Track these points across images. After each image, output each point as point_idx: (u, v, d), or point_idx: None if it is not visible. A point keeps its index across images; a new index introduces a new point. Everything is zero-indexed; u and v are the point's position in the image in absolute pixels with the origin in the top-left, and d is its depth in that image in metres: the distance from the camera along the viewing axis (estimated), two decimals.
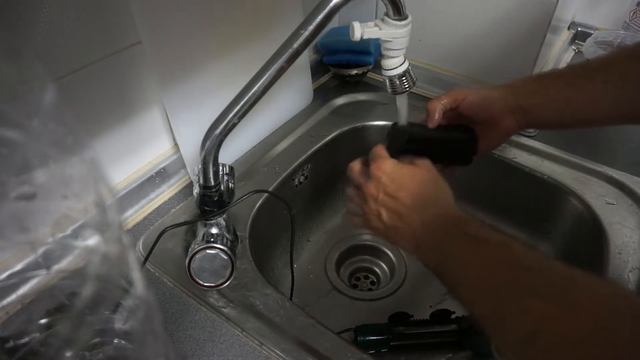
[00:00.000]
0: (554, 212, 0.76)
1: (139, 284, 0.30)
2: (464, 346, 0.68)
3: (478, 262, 0.40)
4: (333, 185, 0.90)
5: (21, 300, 0.43)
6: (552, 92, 0.54)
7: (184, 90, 0.64)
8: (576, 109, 0.53)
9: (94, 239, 0.27)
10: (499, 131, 0.57)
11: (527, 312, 0.34)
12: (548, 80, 0.56)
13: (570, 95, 0.53)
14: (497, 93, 0.56)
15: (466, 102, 0.56)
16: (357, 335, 0.67)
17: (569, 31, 1.05)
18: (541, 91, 0.54)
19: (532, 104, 0.54)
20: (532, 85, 0.56)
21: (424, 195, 0.48)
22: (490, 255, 0.40)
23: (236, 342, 0.54)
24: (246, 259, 0.62)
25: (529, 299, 0.34)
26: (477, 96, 0.56)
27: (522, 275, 0.37)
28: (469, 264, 0.40)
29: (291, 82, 0.82)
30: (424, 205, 0.47)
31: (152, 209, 0.69)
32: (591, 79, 0.52)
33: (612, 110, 0.52)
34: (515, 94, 0.55)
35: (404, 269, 0.84)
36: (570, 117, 0.54)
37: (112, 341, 0.38)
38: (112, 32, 0.57)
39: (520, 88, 0.56)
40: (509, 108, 0.55)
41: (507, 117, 0.56)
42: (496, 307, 0.37)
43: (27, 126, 0.23)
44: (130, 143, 0.66)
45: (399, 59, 0.53)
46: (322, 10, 0.46)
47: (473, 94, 0.56)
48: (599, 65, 0.54)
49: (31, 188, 0.25)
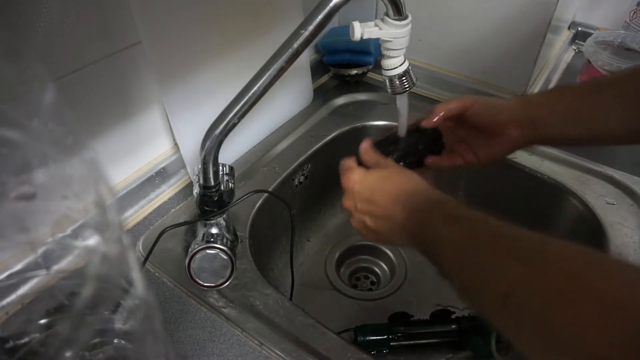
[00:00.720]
0: (554, 212, 0.76)
1: (139, 284, 0.30)
2: (464, 346, 0.68)
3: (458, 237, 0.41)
4: (333, 185, 0.89)
5: (21, 300, 0.43)
6: (560, 105, 0.53)
7: (184, 90, 0.64)
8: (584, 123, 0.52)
9: (94, 239, 0.27)
10: (504, 141, 0.56)
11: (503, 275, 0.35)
12: (557, 93, 0.55)
13: (578, 108, 0.52)
14: (506, 102, 0.56)
15: (474, 109, 0.56)
16: (357, 335, 0.67)
17: (569, 31, 1.05)
18: (549, 103, 0.54)
19: (539, 115, 0.53)
20: (541, 97, 0.55)
21: (399, 190, 0.48)
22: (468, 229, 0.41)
23: (236, 342, 0.54)
24: (246, 259, 0.62)
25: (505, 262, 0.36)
26: (486, 104, 0.56)
27: (498, 243, 0.38)
28: (451, 240, 0.42)
29: (291, 82, 0.82)
30: (403, 198, 0.47)
31: (152, 209, 0.69)
32: (601, 93, 0.51)
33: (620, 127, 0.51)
34: (524, 105, 0.55)
35: (404, 269, 0.84)
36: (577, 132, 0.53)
37: (112, 341, 0.38)
38: (112, 32, 0.57)
39: (530, 100, 0.56)
40: (517, 118, 0.54)
41: (513, 127, 0.55)
42: (475, 275, 0.38)
43: (27, 126, 0.23)
44: (130, 143, 0.66)
45: (399, 59, 0.53)
46: (322, 10, 0.46)
47: (482, 101, 0.56)
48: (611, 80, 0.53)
49: (31, 188, 0.25)
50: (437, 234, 0.43)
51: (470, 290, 0.39)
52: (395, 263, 0.85)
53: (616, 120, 0.50)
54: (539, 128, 0.53)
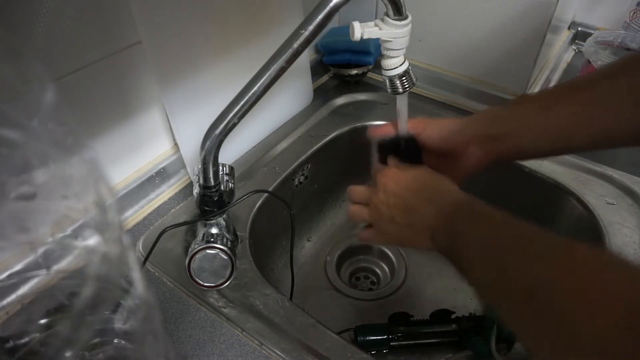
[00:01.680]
0: (554, 212, 0.76)
1: (139, 284, 0.30)
2: (464, 346, 0.68)
3: (483, 234, 0.42)
4: (333, 185, 0.90)
5: (21, 300, 0.43)
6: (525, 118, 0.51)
7: (184, 90, 0.64)
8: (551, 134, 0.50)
9: (94, 239, 0.27)
10: (466, 162, 0.54)
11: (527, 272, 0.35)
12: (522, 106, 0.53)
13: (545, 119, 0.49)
14: (457, 124, 0.54)
15: (425, 134, 0.55)
16: (357, 335, 0.67)
17: (569, 31, 1.05)
18: (513, 118, 0.52)
19: (503, 132, 0.51)
20: (503, 112, 0.53)
21: (431, 188, 0.49)
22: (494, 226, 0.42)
23: (236, 342, 0.54)
24: (246, 259, 0.62)
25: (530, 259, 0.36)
26: (436, 129, 0.55)
27: (525, 243, 0.38)
28: (476, 237, 0.42)
29: (291, 82, 0.82)
30: (435, 197, 0.48)
31: (152, 209, 0.69)
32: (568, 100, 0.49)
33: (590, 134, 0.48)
34: (480, 123, 0.53)
35: (404, 269, 0.84)
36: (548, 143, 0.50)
37: (112, 341, 0.38)
38: (111, 32, 0.57)
39: (488, 116, 0.54)
40: (472, 137, 0.53)
41: (472, 147, 0.53)
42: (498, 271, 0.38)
43: (27, 126, 0.23)
44: (130, 143, 0.66)
45: (399, 59, 0.53)
46: (322, 10, 0.46)
47: (432, 127, 0.55)
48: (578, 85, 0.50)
49: (31, 188, 0.25)
50: (463, 230, 0.44)
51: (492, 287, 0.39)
52: (395, 263, 0.85)
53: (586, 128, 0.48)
54: (505, 144, 0.52)
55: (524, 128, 0.51)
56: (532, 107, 0.51)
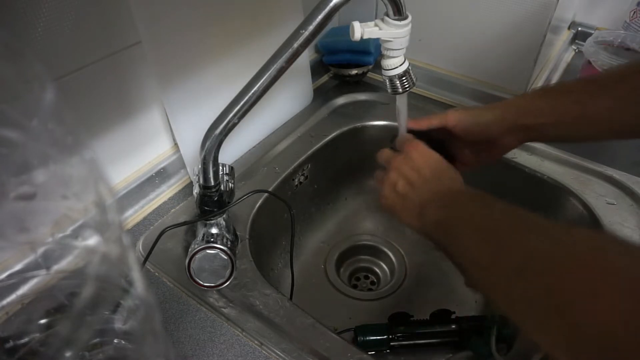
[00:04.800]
0: (554, 212, 0.76)
1: (139, 284, 0.30)
2: (464, 346, 0.68)
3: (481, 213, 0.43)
4: (333, 185, 0.90)
5: (21, 300, 0.43)
6: (561, 111, 0.53)
7: (184, 90, 0.64)
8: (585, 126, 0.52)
9: (94, 239, 0.27)
10: (498, 149, 0.57)
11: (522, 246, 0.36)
12: (556, 97, 0.54)
13: (581, 112, 0.52)
14: (492, 114, 0.55)
15: (459, 128, 0.56)
16: (357, 335, 0.67)
17: (569, 31, 1.05)
18: (549, 109, 0.53)
19: (539, 122, 0.53)
20: (538, 102, 0.54)
21: (442, 174, 0.51)
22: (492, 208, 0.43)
23: (236, 342, 0.54)
24: (246, 259, 0.62)
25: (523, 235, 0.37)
26: (471, 120, 0.56)
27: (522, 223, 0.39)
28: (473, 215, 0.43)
29: (291, 82, 0.82)
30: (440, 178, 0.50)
31: (152, 209, 0.69)
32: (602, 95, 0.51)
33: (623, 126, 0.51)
34: (516, 113, 0.54)
35: (404, 269, 0.84)
36: (577, 134, 0.54)
37: (112, 341, 0.38)
38: (111, 32, 0.57)
39: (522, 106, 0.55)
40: (508, 128, 0.54)
41: (507, 136, 0.55)
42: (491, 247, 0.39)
43: (27, 126, 0.23)
44: (130, 143, 0.66)
45: (399, 59, 0.53)
46: (322, 10, 0.46)
47: (466, 119, 0.56)
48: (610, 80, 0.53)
49: (31, 188, 0.25)
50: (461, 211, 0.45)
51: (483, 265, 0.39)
52: (395, 263, 0.85)
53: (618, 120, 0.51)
54: (538, 133, 0.55)
55: (560, 121, 0.53)
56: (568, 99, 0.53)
